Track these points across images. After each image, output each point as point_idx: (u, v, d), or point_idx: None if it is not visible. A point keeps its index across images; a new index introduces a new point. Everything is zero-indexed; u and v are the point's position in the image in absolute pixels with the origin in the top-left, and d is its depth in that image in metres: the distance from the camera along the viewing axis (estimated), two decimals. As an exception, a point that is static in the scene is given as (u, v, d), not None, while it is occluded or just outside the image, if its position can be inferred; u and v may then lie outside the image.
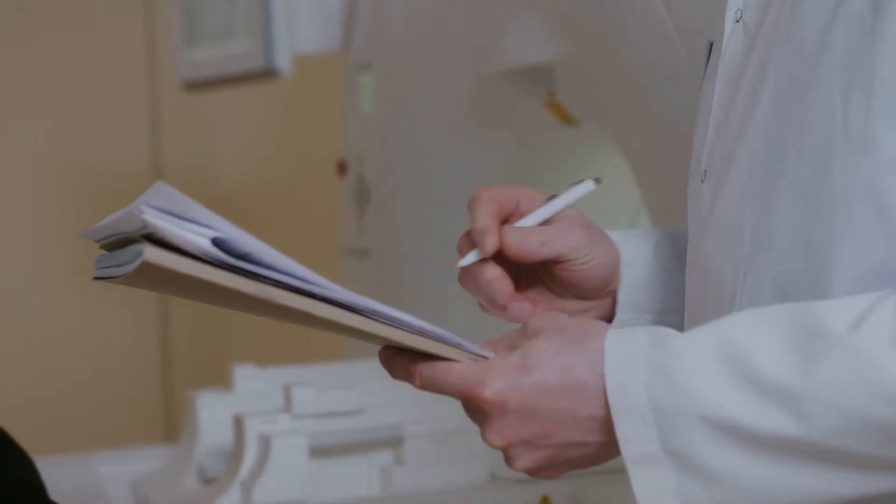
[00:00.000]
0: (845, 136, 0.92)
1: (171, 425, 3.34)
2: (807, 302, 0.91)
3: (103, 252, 0.89)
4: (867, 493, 0.90)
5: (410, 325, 0.93)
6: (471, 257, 1.06)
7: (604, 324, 0.96)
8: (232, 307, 0.93)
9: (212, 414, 1.73)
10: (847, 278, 0.92)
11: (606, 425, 0.91)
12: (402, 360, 0.96)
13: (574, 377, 0.92)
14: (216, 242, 0.85)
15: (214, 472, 1.71)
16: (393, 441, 1.64)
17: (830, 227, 0.93)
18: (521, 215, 1.08)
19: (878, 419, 0.86)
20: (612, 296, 1.12)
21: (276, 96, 3.25)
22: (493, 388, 0.92)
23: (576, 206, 1.10)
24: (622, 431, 0.91)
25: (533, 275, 1.11)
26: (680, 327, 1.06)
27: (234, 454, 1.60)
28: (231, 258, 0.86)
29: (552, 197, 1.10)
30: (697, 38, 1.55)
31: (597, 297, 1.11)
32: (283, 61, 2.31)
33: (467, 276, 1.07)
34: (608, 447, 0.93)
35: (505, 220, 1.07)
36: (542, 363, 0.92)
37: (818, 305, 0.90)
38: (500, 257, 1.07)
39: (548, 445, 0.93)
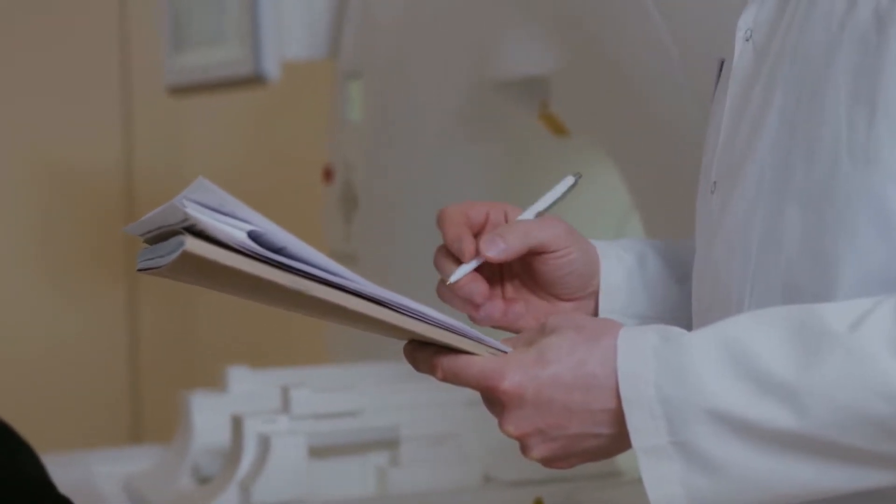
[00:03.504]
0: (850, 151, 0.95)
1: (138, 426, 3.33)
2: (809, 304, 0.94)
3: (143, 247, 0.93)
4: (865, 487, 0.93)
5: (435, 319, 0.97)
6: (462, 270, 1.08)
7: (617, 322, 0.99)
8: (263, 301, 0.95)
9: (205, 415, 1.74)
10: (851, 284, 0.95)
11: (618, 417, 0.95)
12: (425, 353, 1.00)
13: (588, 371, 0.95)
14: (252, 236, 0.88)
15: (208, 472, 1.72)
16: (389, 442, 1.66)
17: (835, 234, 0.96)
18: (493, 226, 1.10)
19: (875, 415, 0.89)
20: (593, 300, 1.14)
21: (251, 102, 3.26)
22: (511, 381, 0.96)
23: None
24: (633, 423, 0.94)
25: (515, 281, 1.13)
26: None
27: (232, 454, 1.61)
28: (267, 251, 0.88)
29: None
30: (693, 49, 1.58)
31: (575, 297, 1.13)
32: (272, 68, 2.32)
33: (444, 289, 1.09)
34: (619, 438, 0.96)
35: (476, 234, 1.09)
36: (558, 358, 0.96)
37: (820, 307, 0.93)
38: (480, 269, 1.09)
39: (562, 436, 0.97)
